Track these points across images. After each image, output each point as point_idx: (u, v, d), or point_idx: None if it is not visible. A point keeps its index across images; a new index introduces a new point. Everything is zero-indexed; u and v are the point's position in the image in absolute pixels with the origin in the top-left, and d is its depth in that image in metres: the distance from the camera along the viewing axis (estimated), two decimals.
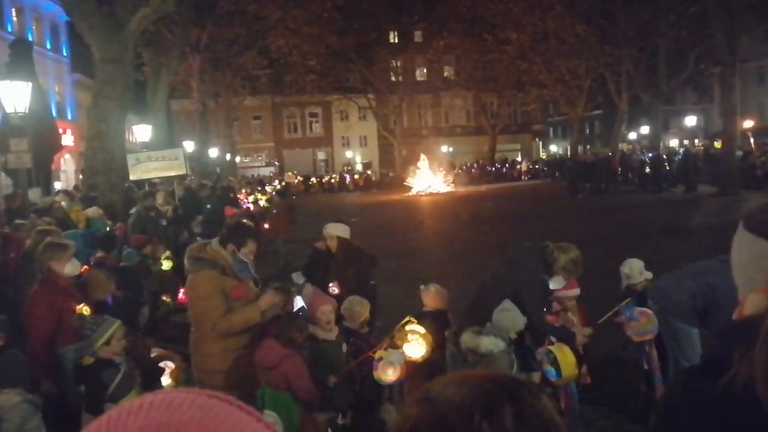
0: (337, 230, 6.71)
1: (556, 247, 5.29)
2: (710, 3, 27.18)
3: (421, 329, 5.08)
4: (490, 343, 4.43)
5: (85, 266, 8.41)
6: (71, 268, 5.79)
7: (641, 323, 5.31)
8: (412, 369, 4.93)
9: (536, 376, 4.69)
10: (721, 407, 1.24)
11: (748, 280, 1.39)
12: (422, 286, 6.15)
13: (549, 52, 43.27)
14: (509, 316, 4.81)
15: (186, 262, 5.04)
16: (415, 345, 4.95)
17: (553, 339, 5.01)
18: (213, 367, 4.91)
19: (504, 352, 4.49)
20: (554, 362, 4.53)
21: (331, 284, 6.49)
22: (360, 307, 5.70)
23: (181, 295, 7.84)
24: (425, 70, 60.54)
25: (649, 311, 5.31)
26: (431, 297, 5.97)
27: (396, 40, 54.80)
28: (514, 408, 0.94)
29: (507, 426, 0.92)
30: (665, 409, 1.43)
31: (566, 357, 4.51)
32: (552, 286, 5.31)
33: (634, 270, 5.82)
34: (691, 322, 4.95)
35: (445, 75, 60.36)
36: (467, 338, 4.50)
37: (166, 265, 9.39)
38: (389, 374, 4.74)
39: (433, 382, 1.04)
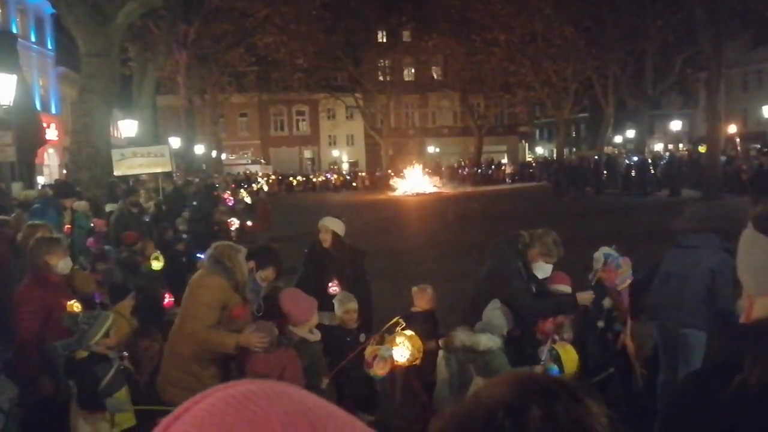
0: (333, 225, 6.59)
1: (528, 234, 5.24)
2: (697, 9, 27.37)
3: (409, 332, 5.05)
4: (489, 341, 4.43)
5: None
6: (64, 265, 5.68)
7: (624, 270, 5.34)
8: (404, 369, 4.90)
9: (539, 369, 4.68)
10: (732, 409, 1.21)
11: (757, 283, 1.36)
12: (415, 288, 6.11)
13: (537, 54, 43.37)
14: (501, 314, 4.80)
15: (206, 257, 4.89)
16: (402, 349, 4.93)
17: (556, 337, 4.97)
18: (182, 364, 4.77)
19: (500, 349, 4.49)
20: (557, 359, 4.52)
21: (330, 283, 6.36)
22: (352, 305, 5.67)
23: (167, 300, 7.69)
24: (413, 70, 60.59)
25: (627, 259, 5.35)
26: (425, 298, 5.94)
27: (384, 40, 54.77)
28: (544, 409, 0.90)
29: (531, 427, 0.88)
30: (673, 410, 1.41)
31: (568, 354, 4.51)
32: (538, 274, 5.24)
33: None
34: (702, 326, 4.92)
35: (432, 75, 60.37)
36: (464, 337, 4.49)
37: (156, 265, 9.27)
38: (381, 368, 4.72)
39: (485, 383, 1.04)
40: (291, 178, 53.68)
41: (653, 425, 3.78)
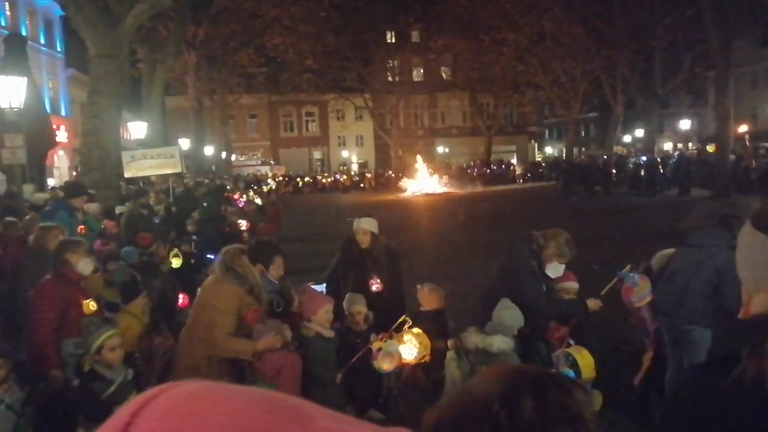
0: (369, 226, 6.65)
1: (542, 234, 5.31)
2: (705, 7, 27.28)
3: (416, 330, 5.07)
4: (502, 342, 4.45)
5: None
6: (84, 265, 5.79)
7: (641, 287, 5.35)
8: (411, 366, 4.93)
9: None
10: (729, 403, 1.24)
11: (755, 279, 1.38)
12: (419, 286, 6.14)
13: (545, 53, 43.33)
14: (512, 314, 4.82)
15: (217, 265, 4.95)
16: (410, 347, 4.95)
17: (571, 341, 5.00)
18: (193, 364, 4.81)
19: (513, 350, 4.50)
20: (573, 364, 4.52)
21: (371, 280, 6.39)
22: (357, 308, 5.69)
23: (180, 300, 7.72)
24: (422, 71, 60.61)
25: (645, 276, 5.36)
26: (428, 297, 5.96)
27: (393, 40, 54.79)
28: (535, 399, 0.93)
29: (526, 417, 0.92)
30: (673, 403, 1.43)
31: (585, 359, 4.50)
32: (550, 274, 5.32)
33: None
34: (706, 324, 4.92)
35: (441, 75, 60.36)
36: (477, 339, 4.50)
37: (176, 263, 9.33)
38: (387, 363, 4.76)
39: (475, 376, 1.07)
40: (297, 179, 53.71)
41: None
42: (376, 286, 6.37)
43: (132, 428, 0.63)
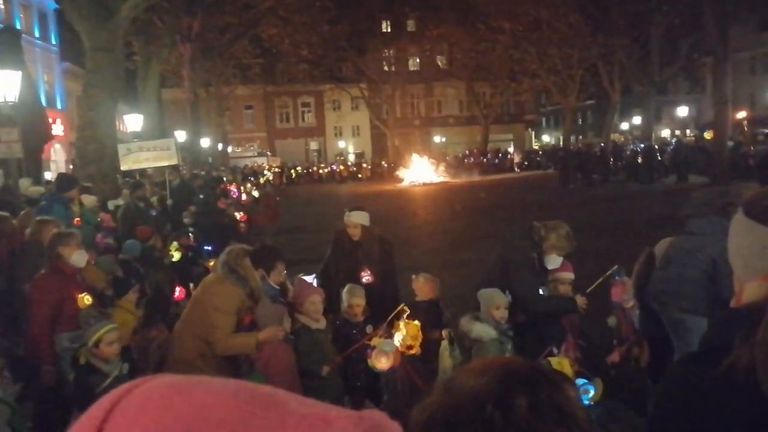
0: (360, 219, 6.69)
1: (543, 225, 5.32)
2: None
3: (412, 321, 5.07)
4: (480, 330, 4.46)
5: None
6: (78, 257, 5.78)
7: (628, 287, 5.37)
8: (405, 358, 4.93)
9: None
10: (721, 392, 1.23)
11: (747, 268, 1.37)
12: (413, 276, 6.14)
13: (542, 41, 43.18)
14: (484, 300, 4.85)
15: (219, 265, 4.96)
16: (398, 335, 4.97)
17: (554, 350, 5.00)
18: (188, 358, 4.80)
19: (495, 340, 4.49)
20: None
21: (363, 272, 6.43)
22: (355, 300, 5.70)
23: (177, 293, 7.72)
24: (418, 60, 60.43)
25: (629, 279, 5.39)
26: (423, 287, 5.96)
27: (388, 30, 54.61)
28: (529, 399, 0.92)
29: (519, 417, 0.90)
30: (665, 394, 1.42)
31: (564, 368, 4.51)
32: (549, 266, 5.33)
33: None
34: (701, 312, 4.92)
35: (437, 64, 60.22)
36: (464, 322, 4.53)
37: (177, 256, 9.34)
38: (383, 362, 4.77)
39: (459, 369, 1.03)
40: (292, 170, 53.43)
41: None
42: (366, 278, 6.40)
43: (107, 426, 0.64)
